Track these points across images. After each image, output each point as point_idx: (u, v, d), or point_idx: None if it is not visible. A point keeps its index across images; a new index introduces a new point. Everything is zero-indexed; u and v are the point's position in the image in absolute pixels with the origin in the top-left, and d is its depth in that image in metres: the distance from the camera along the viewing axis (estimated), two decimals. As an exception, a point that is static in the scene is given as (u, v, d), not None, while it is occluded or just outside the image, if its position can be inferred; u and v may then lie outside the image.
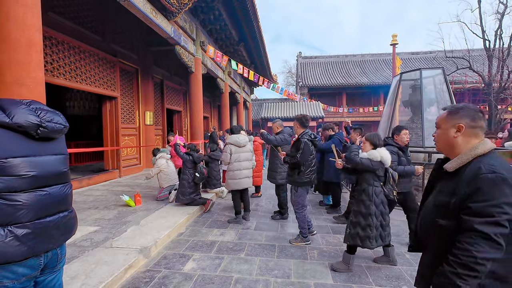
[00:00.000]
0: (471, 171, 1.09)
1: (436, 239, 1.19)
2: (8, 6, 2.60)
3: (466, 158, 1.14)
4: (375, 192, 2.66)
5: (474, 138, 1.17)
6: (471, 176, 1.08)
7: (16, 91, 2.58)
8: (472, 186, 1.06)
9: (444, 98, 5.10)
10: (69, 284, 2.20)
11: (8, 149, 1.09)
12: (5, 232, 1.07)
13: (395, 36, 13.14)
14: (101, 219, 3.88)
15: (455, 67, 15.61)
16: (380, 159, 2.64)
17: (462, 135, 1.18)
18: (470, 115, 1.18)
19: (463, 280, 0.99)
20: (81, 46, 6.01)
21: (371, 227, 2.58)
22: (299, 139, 3.17)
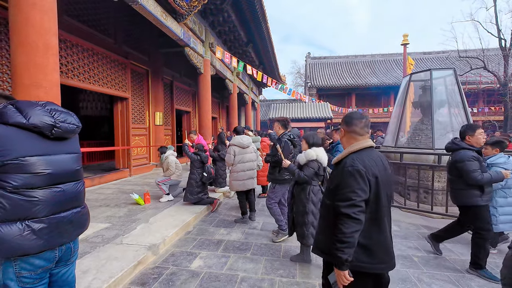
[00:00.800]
0: (342, 165, 1.44)
1: (325, 213, 1.53)
2: (26, 11, 2.72)
3: (343, 154, 1.49)
4: (313, 191, 2.74)
5: (352, 139, 1.50)
6: (340, 169, 1.44)
7: (33, 92, 2.70)
8: (339, 177, 1.42)
9: (456, 99, 5.01)
10: (81, 278, 2.29)
11: (26, 148, 1.16)
12: (23, 226, 1.14)
13: (406, 36, 12.93)
14: (112, 217, 3.99)
15: (469, 67, 15.22)
16: (316, 158, 2.73)
17: (345, 136, 1.54)
18: (347, 121, 1.53)
19: (341, 251, 1.32)
20: (94, 48, 6.19)
21: (307, 225, 2.68)
22: (279, 138, 3.33)
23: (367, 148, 1.46)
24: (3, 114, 1.15)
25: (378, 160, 1.45)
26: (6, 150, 1.11)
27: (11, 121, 1.14)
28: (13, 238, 1.11)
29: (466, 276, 2.59)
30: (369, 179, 1.36)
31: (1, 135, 1.12)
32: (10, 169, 1.12)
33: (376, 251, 1.39)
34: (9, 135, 1.13)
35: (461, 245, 3.32)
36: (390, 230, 1.46)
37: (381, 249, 1.40)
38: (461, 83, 5.07)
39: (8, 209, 1.11)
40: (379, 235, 1.40)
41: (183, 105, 11.11)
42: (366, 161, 1.40)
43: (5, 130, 1.13)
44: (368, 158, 1.42)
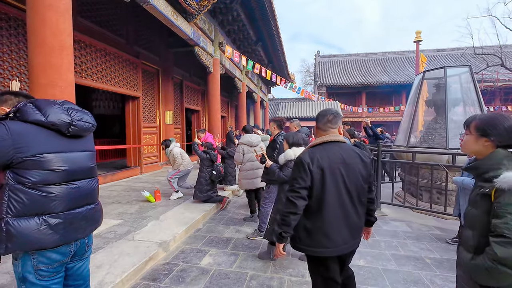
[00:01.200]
0: None
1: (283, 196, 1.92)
2: (43, 13, 2.81)
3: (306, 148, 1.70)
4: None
5: (319, 134, 1.67)
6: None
7: (50, 92, 2.78)
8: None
9: (471, 97, 4.85)
10: (95, 273, 2.35)
11: (44, 145, 1.20)
12: (40, 221, 1.18)
13: (419, 33, 12.63)
14: (124, 213, 4.08)
15: (485, 64, 14.73)
16: (294, 158, 2.69)
17: (326, 131, 1.65)
18: (316, 118, 1.71)
19: (277, 226, 1.56)
20: (106, 48, 6.32)
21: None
22: (274, 139, 3.34)
23: (328, 143, 1.58)
24: (23, 112, 1.19)
25: (336, 154, 1.55)
26: (25, 146, 1.15)
27: (31, 118, 1.18)
28: (31, 232, 1.15)
29: (481, 280, 2.51)
30: (311, 170, 1.49)
31: (22, 132, 1.15)
32: (29, 165, 1.15)
33: (316, 236, 1.52)
34: (29, 132, 1.17)
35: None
36: (344, 216, 1.53)
37: (321, 234, 1.51)
38: (477, 80, 4.91)
39: (27, 204, 1.15)
40: (321, 222, 1.51)
41: (193, 104, 11.22)
42: (318, 155, 1.52)
43: (25, 128, 1.17)
44: (323, 151, 1.54)
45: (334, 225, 1.51)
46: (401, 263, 2.84)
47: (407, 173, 5.13)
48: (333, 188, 1.51)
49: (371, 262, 2.85)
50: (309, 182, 1.49)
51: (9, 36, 4.32)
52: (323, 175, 1.49)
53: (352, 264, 2.76)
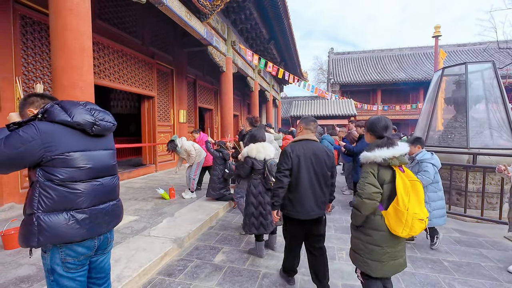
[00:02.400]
0: None
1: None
2: (64, 17, 2.93)
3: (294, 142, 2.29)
4: (253, 183, 2.96)
5: (299, 134, 2.32)
6: None
7: (71, 92, 2.90)
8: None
9: (495, 94, 4.62)
10: (114, 266, 2.44)
11: (70, 144, 1.26)
12: (68, 216, 1.25)
13: (438, 28, 12.14)
14: (140, 210, 4.20)
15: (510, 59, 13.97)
16: (247, 155, 2.98)
17: (302, 131, 2.29)
18: (304, 122, 2.29)
19: (271, 198, 2.24)
20: (123, 49, 6.50)
21: (248, 215, 2.92)
22: (244, 135, 3.47)
23: (304, 140, 2.22)
24: (50, 112, 1.26)
25: (309, 148, 2.17)
26: (54, 145, 1.21)
27: (58, 119, 1.25)
28: (60, 226, 1.22)
29: (504, 285, 2.41)
30: (291, 157, 2.13)
31: (50, 132, 1.22)
32: (57, 163, 1.22)
33: (295, 204, 2.16)
34: (56, 132, 1.24)
35: (498, 252, 3.09)
36: (314, 191, 2.15)
37: (298, 203, 2.15)
38: (502, 76, 4.68)
39: (56, 200, 1.22)
40: (298, 194, 2.14)
41: (206, 103, 11.34)
42: (297, 147, 2.17)
43: (53, 128, 1.24)
44: (300, 145, 2.19)
45: (306, 198, 2.14)
46: (418, 265, 2.76)
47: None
48: (305, 171, 2.14)
49: (386, 263, 2.80)
50: (290, 165, 2.13)
51: (34, 39, 4.53)
52: (299, 161, 2.13)
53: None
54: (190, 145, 4.99)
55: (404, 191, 1.59)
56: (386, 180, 1.67)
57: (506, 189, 4.05)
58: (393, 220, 1.62)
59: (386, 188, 1.66)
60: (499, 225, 3.81)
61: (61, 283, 1.28)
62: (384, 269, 1.70)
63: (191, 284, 2.40)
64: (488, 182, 4.09)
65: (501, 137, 4.33)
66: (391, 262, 1.70)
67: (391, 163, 1.65)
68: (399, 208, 1.58)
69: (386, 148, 1.67)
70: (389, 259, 1.70)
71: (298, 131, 2.34)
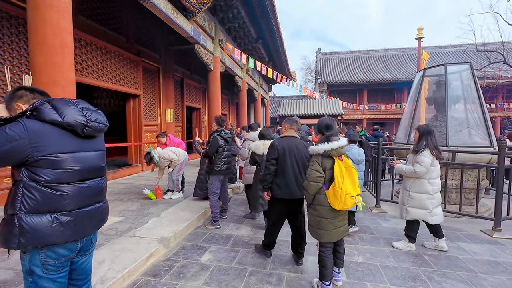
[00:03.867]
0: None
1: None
2: (43, 11, 2.82)
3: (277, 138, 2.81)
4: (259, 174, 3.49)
5: (287, 132, 2.78)
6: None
7: (52, 90, 2.79)
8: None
9: (472, 94, 4.83)
10: (97, 268, 2.39)
11: (59, 145, 1.22)
12: (52, 218, 1.20)
13: (420, 30, 12.54)
14: (125, 211, 4.12)
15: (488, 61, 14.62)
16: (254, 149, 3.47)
17: (286, 130, 2.79)
18: (288, 122, 2.80)
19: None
20: (107, 46, 6.34)
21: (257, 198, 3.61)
22: (210, 134, 3.81)
23: (287, 136, 2.73)
24: (40, 111, 1.20)
25: (292, 142, 2.68)
26: (42, 146, 1.17)
27: (48, 118, 1.20)
28: (43, 228, 1.18)
29: (479, 276, 2.54)
30: (278, 149, 2.63)
31: (38, 132, 1.17)
32: (43, 164, 1.17)
33: (281, 187, 2.63)
34: (45, 131, 1.19)
35: (475, 245, 3.24)
36: (296, 177, 2.62)
37: (284, 186, 2.62)
38: (479, 77, 4.89)
39: (40, 201, 1.18)
40: (283, 179, 2.63)
41: (193, 102, 11.23)
42: (282, 141, 2.68)
43: (41, 127, 1.18)
44: (285, 140, 2.69)
45: (291, 182, 2.62)
46: (400, 259, 2.86)
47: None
48: (289, 160, 2.62)
49: (370, 258, 2.88)
50: (277, 155, 2.63)
51: (10, 34, 4.34)
52: (284, 152, 2.63)
53: (351, 260, 2.81)
54: (166, 153, 4.74)
55: (340, 175, 2.08)
56: (327, 167, 2.17)
57: (482, 185, 4.25)
58: (332, 197, 2.11)
59: (328, 173, 2.17)
60: (476, 219, 3.99)
61: (40, 284, 1.25)
62: (330, 235, 2.21)
63: (177, 284, 2.38)
64: (466, 179, 4.27)
65: (478, 136, 4.54)
66: (335, 230, 2.22)
67: (331, 154, 2.14)
68: (335, 188, 2.07)
69: (326, 143, 2.16)
70: (333, 228, 2.21)
71: (283, 130, 2.83)
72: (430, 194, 2.97)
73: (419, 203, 3.00)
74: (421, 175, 2.95)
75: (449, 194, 4.36)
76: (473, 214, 3.92)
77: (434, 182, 2.98)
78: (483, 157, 4.14)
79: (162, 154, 4.73)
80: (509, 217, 3.74)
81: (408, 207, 3.08)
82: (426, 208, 2.98)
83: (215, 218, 3.78)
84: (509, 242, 3.33)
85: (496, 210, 3.57)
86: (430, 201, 2.97)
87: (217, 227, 3.77)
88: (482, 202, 4.48)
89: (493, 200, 3.81)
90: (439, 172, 3.03)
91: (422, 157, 2.92)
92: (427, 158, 2.89)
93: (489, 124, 4.52)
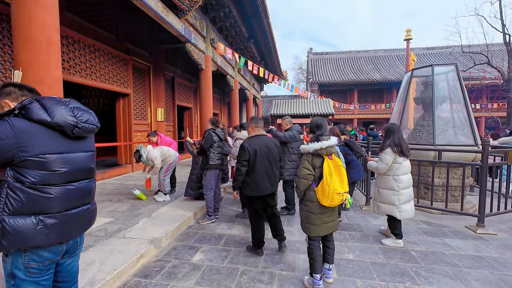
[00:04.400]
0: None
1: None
2: (29, 8, 2.75)
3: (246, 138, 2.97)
4: None
5: (255, 131, 2.95)
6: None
7: (37, 88, 2.64)
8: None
9: (457, 95, 4.97)
10: (86, 270, 2.35)
11: (47, 146, 1.18)
12: (36, 220, 1.17)
13: (409, 31, 12.79)
14: (115, 211, 4.05)
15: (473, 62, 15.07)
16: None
17: (253, 129, 2.98)
18: (253, 122, 3.00)
19: (234, 181, 2.90)
20: (95, 44, 6.21)
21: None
22: (205, 131, 3.96)
23: (258, 135, 2.89)
24: (29, 110, 1.16)
25: (262, 141, 2.85)
26: (29, 146, 1.13)
27: (36, 117, 1.16)
28: (27, 231, 1.15)
29: (463, 271, 2.62)
30: (249, 150, 2.77)
31: (26, 131, 1.13)
32: (30, 165, 1.14)
33: (251, 185, 2.81)
34: (33, 131, 1.15)
35: (460, 240, 3.34)
36: (268, 174, 2.84)
37: (254, 184, 2.80)
38: (464, 78, 5.03)
39: (25, 203, 1.14)
40: (255, 177, 2.80)
41: (185, 101, 11.13)
42: (252, 141, 2.83)
43: (29, 127, 1.15)
44: (255, 140, 2.84)
45: (261, 179, 2.80)
46: (389, 256, 2.92)
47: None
48: (260, 159, 2.79)
49: (359, 255, 2.93)
50: (248, 157, 2.77)
51: (-7, 31, 4.20)
52: (255, 152, 2.78)
53: (341, 257, 2.85)
54: (155, 153, 4.54)
55: (328, 173, 2.17)
56: (317, 165, 2.25)
57: (467, 183, 4.39)
58: (320, 194, 2.21)
59: (317, 171, 2.25)
60: (461, 216, 4.12)
61: (23, 287, 1.21)
62: (318, 229, 2.30)
63: (168, 285, 2.36)
64: (452, 177, 4.40)
65: (463, 135, 4.67)
66: (323, 225, 2.31)
67: (320, 153, 2.23)
68: (324, 186, 2.17)
69: (316, 142, 2.24)
70: (321, 222, 2.31)
71: (250, 129, 3.03)
72: (396, 191, 3.08)
73: (386, 198, 3.15)
74: (383, 171, 3.12)
75: (436, 192, 4.47)
76: (458, 211, 4.04)
77: (399, 179, 3.08)
78: (468, 156, 4.27)
79: (150, 154, 4.53)
80: (493, 213, 3.88)
81: (377, 202, 3.27)
82: (393, 203, 3.10)
83: (209, 212, 3.91)
84: (492, 237, 3.45)
85: (480, 207, 3.69)
86: (396, 197, 3.08)
87: (213, 221, 3.92)
88: (467, 199, 4.62)
89: (477, 197, 3.95)
90: (406, 169, 3.12)
91: (383, 155, 3.09)
92: (388, 155, 3.05)
93: (473, 123, 4.67)
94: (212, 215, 3.96)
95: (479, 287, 2.35)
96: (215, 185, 3.96)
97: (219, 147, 3.96)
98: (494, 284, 2.40)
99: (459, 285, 2.38)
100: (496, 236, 3.48)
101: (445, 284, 2.40)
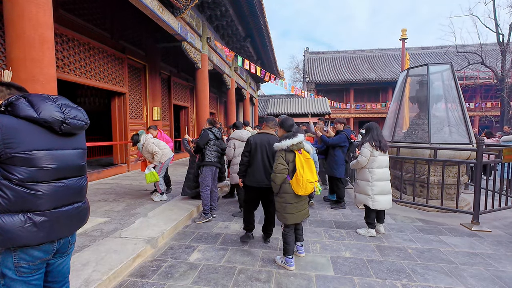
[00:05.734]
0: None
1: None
2: (22, 5, 2.70)
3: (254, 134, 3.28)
4: None
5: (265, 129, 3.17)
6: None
7: (30, 87, 2.68)
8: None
9: (452, 94, 5.02)
10: (81, 270, 2.32)
11: (34, 142, 1.16)
12: (24, 218, 1.15)
13: (404, 31, 12.88)
14: (111, 211, 4.01)
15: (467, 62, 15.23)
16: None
17: (264, 128, 3.20)
18: (268, 121, 3.18)
19: (239, 171, 3.19)
20: (90, 42, 6.14)
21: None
22: (202, 130, 4.08)
23: (262, 133, 3.11)
24: (15, 106, 1.15)
25: (265, 138, 3.04)
26: (15, 142, 1.12)
27: (22, 114, 1.15)
28: (15, 229, 1.13)
29: (459, 267, 2.65)
30: (251, 143, 3.05)
31: (12, 128, 1.12)
32: (17, 161, 1.12)
33: (251, 176, 3.04)
34: (19, 128, 1.14)
35: (455, 238, 3.38)
36: (265, 167, 2.99)
37: (253, 175, 3.02)
38: (459, 78, 5.08)
39: (12, 200, 1.13)
40: (253, 168, 3.02)
41: (181, 101, 11.08)
42: (257, 137, 3.08)
43: (16, 123, 1.14)
44: (258, 136, 3.08)
45: (257, 171, 3.00)
46: (385, 253, 2.94)
47: (391, 167, 5.27)
48: (259, 153, 3.01)
49: (356, 253, 2.94)
50: (249, 148, 3.06)
51: (-15, 28, 4.13)
52: (256, 146, 3.03)
53: (338, 255, 2.86)
54: (153, 145, 4.44)
55: (300, 166, 2.47)
56: (290, 160, 2.54)
57: (462, 180, 4.43)
58: (295, 185, 2.48)
59: (291, 165, 2.54)
60: (456, 213, 4.16)
61: (13, 287, 1.19)
62: (294, 217, 2.59)
63: (165, 284, 2.35)
64: (447, 175, 4.44)
65: (458, 133, 4.72)
66: (298, 213, 2.61)
67: (292, 148, 2.52)
68: (298, 177, 2.45)
69: (288, 139, 2.52)
70: (296, 211, 2.60)
71: (263, 127, 3.25)
72: (370, 182, 3.38)
73: (362, 188, 3.46)
74: (363, 164, 3.41)
75: (431, 189, 4.51)
76: (453, 208, 4.08)
77: (373, 171, 3.38)
78: (462, 154, 4.31)
79: (147, 145, 4.41)
80: (487, 210, 3.92)
81: (355, 193, 3.59)
82: (367, 193, 3.40)
83: (205, 211, 3.92)
84: (487, 234, 3.49)
85: (475, 204, 3.73)
86: (370, 188, 3.37)
87: (209, 219, 3.95)
88: (462, 197, 4.67)
89: (472, 195, 3.99)
90: (382, 163, 3.40)
91: (362, 149, 3.42)
92: (366, 149, 3.37)
93: (468, 122, 4.71)
94: (209, 213, 3.96)
95: (474, 283, 2.38)
96: (211, 182, 3.97)
97: (215, 145, 4.00)
98: (489, 280, 2.43)
99: (454, 282, 2.40)
100: (490, 233, 3.52)
101: (441, 280, 2.42)
